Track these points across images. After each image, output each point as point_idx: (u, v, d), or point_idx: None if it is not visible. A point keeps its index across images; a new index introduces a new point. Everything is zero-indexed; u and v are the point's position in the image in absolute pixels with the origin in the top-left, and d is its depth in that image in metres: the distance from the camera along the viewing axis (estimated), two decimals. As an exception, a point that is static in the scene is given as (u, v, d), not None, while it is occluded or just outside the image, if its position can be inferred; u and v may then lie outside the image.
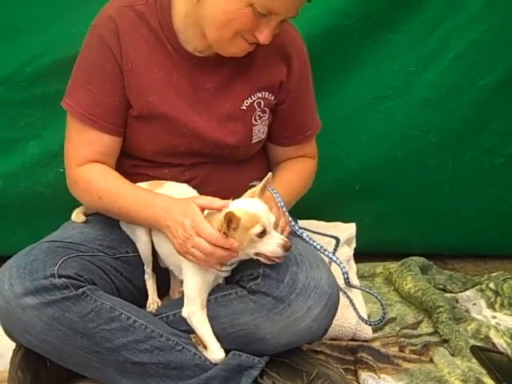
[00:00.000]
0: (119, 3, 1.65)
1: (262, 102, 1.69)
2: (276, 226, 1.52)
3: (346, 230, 2.12)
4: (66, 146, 1.71)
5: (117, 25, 1.63)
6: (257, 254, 1.50)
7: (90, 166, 1.66)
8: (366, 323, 1.81)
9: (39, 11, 1.97)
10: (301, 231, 1.69)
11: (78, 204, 1.77)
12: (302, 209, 1.87)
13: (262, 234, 1.46)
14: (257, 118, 1.70)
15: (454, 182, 2.28)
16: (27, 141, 1.90)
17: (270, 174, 1.54)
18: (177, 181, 1.67)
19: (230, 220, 1.43)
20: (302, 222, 1.87)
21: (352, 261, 2.14)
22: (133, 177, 1.68)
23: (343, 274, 1.64)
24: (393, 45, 2.11)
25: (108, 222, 1.71)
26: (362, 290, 1.86)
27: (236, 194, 1.55)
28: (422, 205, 2.31)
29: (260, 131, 1.72)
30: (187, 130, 1.66)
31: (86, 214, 1.75)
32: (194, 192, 1.64)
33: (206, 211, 1.52)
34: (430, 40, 2.11)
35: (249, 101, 1.68)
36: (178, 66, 1.65)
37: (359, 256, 2.19)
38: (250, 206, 1.48)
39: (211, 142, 1.68)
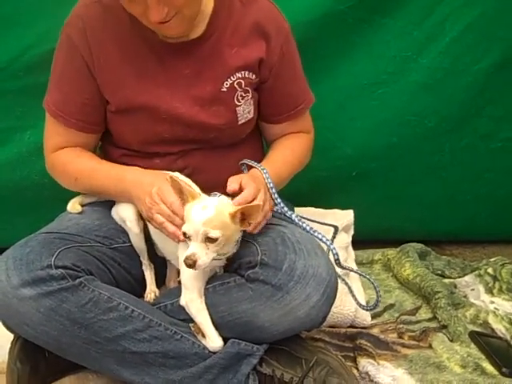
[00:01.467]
0: None
1: (243, 82, 1.68)
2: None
3: (344, 217, 2.12)
4: (44, 133, 1.77)
5: (84, 23, 1.64)
6: None
7: (64, 150, 1.73)
8: (362, 308, 1.80)
9: (35, 1, 1.95)
10: (290, 213, 1.67)
11: (74, 194, 1.77)
12: (298, 196, 1.87)
13: (185, 235, 1.44)
14: (239, 98, 1.69)
15: (451, 168, 2.28)
16: (24, 130, 1.90)
17: (259, 204, 1.49)
18: (170, 170, 1.65)
19: (176, 188, 1.47)
20: (299, 210, 1.87)
21: (350, 248, 2.14)
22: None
23: (334, 255, 1.63)
24: (388, 30, 2.10)
25: (104, 212, 1.72)
26: (353, 271, 1.84)
27: None
28: (419, 191, 2.31)
29: (245, 111, 1.71)
30: (168, 117, 1.66)
31: (81, 205, 1.74)
32: (188, 181, 1.62)
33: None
34: (425, 24, 2.10)
35: (228, 82, 1.67)
36: (152, 55, 1.65)
37: (357, 243, 2.18)
38: (200, 206, 1.45)
39: (195, 127, 1.67)
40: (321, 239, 1.63)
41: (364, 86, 2.15)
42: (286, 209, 1.66)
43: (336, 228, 1.84)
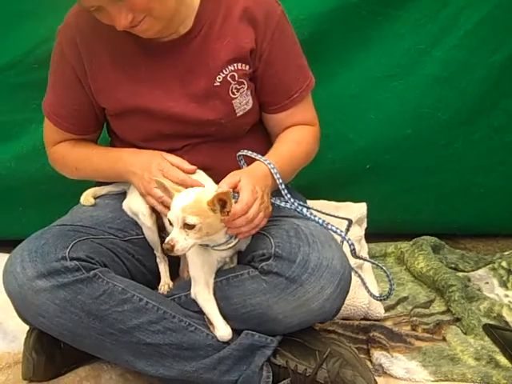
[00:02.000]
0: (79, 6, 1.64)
1: (236, 74, 1.65)
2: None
3: (357, 210, 2.12)
4: (44, 129, 1.82)
5: (74, 32, 1.65)
6: None
7: (61, 144, 1.78)
8: (375, 299, 1.80)
9: (47, -6, 1.97)
10: (300, 208, 1.64)
11: (86, 187, 1.78)
12: (311, 188, 1.87)
13: (170, 222, 1.46)
14: (234, 91, 1.66)
15: (465, 161, 2.26)
16: (39, 123, 1.91)
17: (228, 190, 1.47)
18: None
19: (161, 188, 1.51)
20: (312, 203, 1.86)
21: (363, 241, 2.14)
22: None
23: (349, 245, 1.62)
24: (402, 22, 2.09)
25: (118, 205, 1.73)
26: (368, 261, 1.84)
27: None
28: (432, 184, 2.30)
29: (242, 103, 1.69)
30: (165, 116, 1.66)
31: (94, 197, 1.76)
32: (201, 173, 1.65)
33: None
34: (440, 17, 2.09)
35: (221, 76, 1.65)
36: (144, 56, 1.65)
37: (370, 236, 2.18)
38: (184, 193, 1.46)
39: (193, 122, 1.67)
40: (335, 231, 1.62)
41: (378, 78, 2.15)
42: (296, 204, 1.64)
43: (350, 221, 1.82)
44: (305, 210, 1.65)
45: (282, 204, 1.63)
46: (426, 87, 2.16)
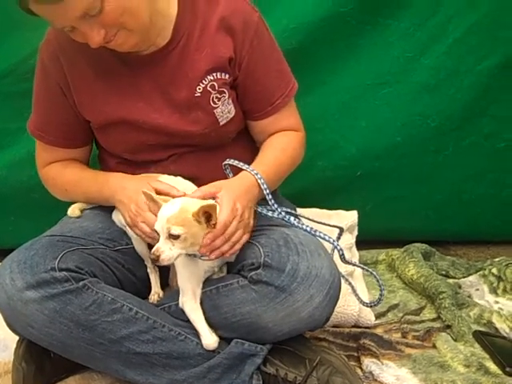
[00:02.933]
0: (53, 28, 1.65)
1: (216, 84, 1.65)
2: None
3: (348, 218, 2.13)
4: (35, 150, 1.82)
5: (56, 47, 1.66)
6: None
7: (52, 165, 1.79)
8: (365, 305, 1.81)
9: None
10: (287, 217, 1.64)
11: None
12: (302, 196, 1.88)
13: (157, 232, 1.46)
14: (215, 100, 1.66)
15: (455, 168, 2.27)
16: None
17: (213, 203, 1.47)
18: None
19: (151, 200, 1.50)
20: (303, 211, 1.87)
21: (354, 248, 2.14)
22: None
23: (338, 251, 1.62)
24: (391, 31, 2.10)
25: (107, 215, 1.73)
26: (358, 266, 1.84)
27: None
28: (423, 191, 2.31)
29: (225, 112, 1.69)
30: (149, 127, 1.66)
31: (81, 210, 1.77)
32: (189, 184, 1.65)
33: None
34: (428, 25, 2.10)
35: (201, 86, 1.65)
36: (124, 69, 1.65)
37: (361, 243, 2.19)
38: (169, 204, 1.46)
39: (177, 134, 1.67)
40: (323, 238, 1.62)
41: (368, 86, 2.15)
42: (283, 213, 1.64)
43: (341, 229, 1.83)
44: (292, 218, 1.65)
45: (270, 214, 1.64)
46: (416, 94, 2.17)
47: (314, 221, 1.76)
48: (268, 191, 1.60)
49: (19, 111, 1.85)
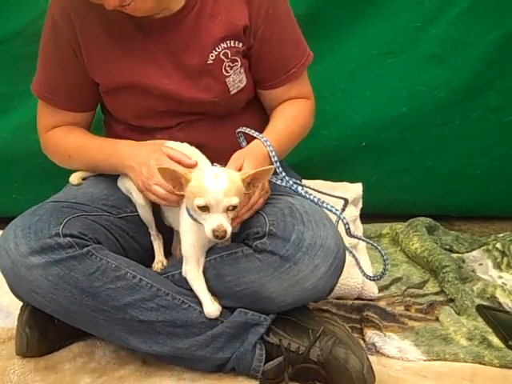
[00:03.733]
0: None
1: (229, 52, 1.64)
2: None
3: (353, 190, 2.12)
4: (37, 114, 1.79)
5: (67, 4, 1.63)
6: None
7: (55, 130, 1.75)
8: (369, 279, 1.80)
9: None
10: (295, 186, 1.65)
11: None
12: (308, 167, 1.87)
13: (203, 208, 1.42)
14: (227, 68, 1.65)
15: (461, 141, 2.26)
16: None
17: (271, 167, 1.49)
18: None
19: (168, 176, 1.45)
20: (308, 182, 1.85)
21: (358, 221, 2.13)
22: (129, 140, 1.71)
23: (344, 224, 1.62)
24: (398, 0, 2.09)
25: (112, 182, 1.72)
26: (363, 240, 1.83)
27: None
28: (428, 164, 2.30)
29: (236, 81, 1.68)
30: (159, 93, 1.65)
31: (83, 178, 1.76)
32: (195, 151, 1.63)
33: None
34: (436, -5, 2.09)
35: (214, 54, 1.63)
36: (137, 32, 1.63)
37: (366, 217, 2.18)
38: (211, 177, 1.43)
39: (186, 101, 1.66)
40: (330, 210, 1.62)
41: (374, 55, 2.14)
42: (291, 182, 1.64)
43: (346, 200, 1.82)
44: (300, 188, 1.65)
45: (278, 182, 1.63)
46: (422, 65, 2.16)
47: (319, 191, 1.75)
48: (276, 159, 1.60)
49: (26, 74, 1.83)
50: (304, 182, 1.83)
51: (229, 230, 1.42)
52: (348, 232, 1.65)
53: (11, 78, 2.10)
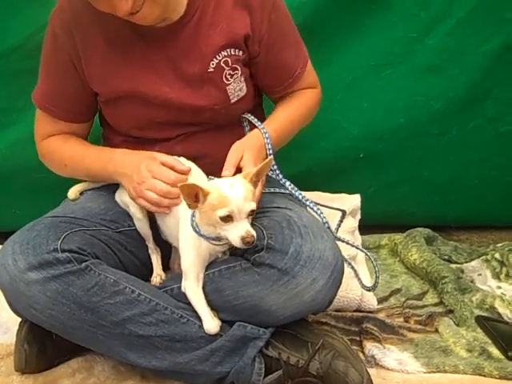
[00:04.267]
0: None
1: (230, 60, 1.65)
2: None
3: (351, 202, 2.12)
4: (35, 122, 1.79)
5: (69, 16, 1.64)
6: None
7: (52, 138, 1.76)
8: (365, 289, 1.81)
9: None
10: (284, 180, 1.69)
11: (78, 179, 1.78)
12: (305, 178, 1.86)
13: (227, 218, 1.42)
14: (228, 77, 1.66)
15: (459, 151, 2.26)
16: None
17: (270, 158, 1.51)
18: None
19: (191, 193, 1.42)
20: (306, 194, 1.86)
21: (357, 232, 2.13)
22: None
23: (324, 223, 1.65)
24: (395, 11, 2.09)
25: (110, 196, 1.72)
26: (347, 243, 1.82)
27: None
28: (426, 175, 2.30)
29: (236, 89, 1.69)
30: (159, 102, 1.65)
31: (81, 192, 1.77)
32: (193, 165, 1.63)
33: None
34: (432, 5, 2.09)
35: (215, 62, 1.65)
36: (138, 41, 1.64)
37: (364, 228, 2.18)
38: (227, 186, 1.43)
39: (187, 110, 1.67)
40: (312, 208, 1.67)
41: (371, 66, 2.14)
42: (280, 176, 1.69)
43: (344, 212, 1.83)
44: (288, 183, 1.70)
45: (270, 173, 1.67)
46: (419, 75, 2.15)
47: (316, 202, 1.75)
48: (271, 151, 1.65)
49: (25, 89, 1.84)
50: (302, 193, 1.83)
51: (255, 234, 1.43)
52: (329, 231, 1.67)
53: (10, 92, 2.09)
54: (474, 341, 1.78)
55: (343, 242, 1.81)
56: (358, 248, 1.84)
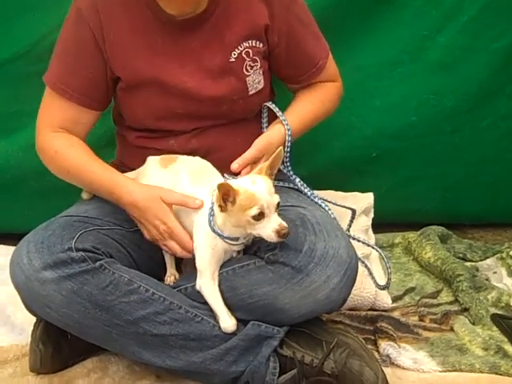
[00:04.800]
0: None
1: (251, 51, 1.67)
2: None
3: (364, 200, 2.11)
4: (38, 112, 1.75)
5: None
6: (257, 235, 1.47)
7: (57, 135, 1.71)
8: (378, 287, 1.81)
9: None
10: (294, 177, 1.73)
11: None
12: (318, 178, 1.86)
13: (259, 216, 1.42)
14: (248, 68, 1.68)
15: (472, 149, 2.24)
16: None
17: (280, 148, 1.51)
18: (184, 150, 1.68)
19: (227, 193, 1.41)
20: (320, 193, 1.86)
21: (370, 231, 2.12)
22: (141, 150, 1.72)
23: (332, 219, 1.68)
24: (406, 9, 2.08)
25: (124, 196, 1.72)
26: (359, 240, 1.83)
27: None
28: (439, 172, 2.28)
29: (255, 81, 1.71)
30: (178, 91, 1.66)
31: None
32: (208, 164, 1.64)
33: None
34: (444, 3, 2.08)
35: (236, 52, 1.66)
36: (161, 29, 1.65)
37: (378, 226, 2.17)
38: (251, 183, 1.44)
39: (206, 100, 1.67)
40: (320, 204, 1.70)
41: (383, 65, 2.14)
42: (291, 172, 1.73)
43: (354, 211, 1.83)
44: (298, 179, 1.73)
45: (281, 167, 1.70)
46: (431, 73, 2.14)
47: (328, 201, 1.77)
48: (289, 149, 1.68)
49: (35, 93, 1.84)
50: (315, 192, 1.83)
51: (287, 225, 1.44)
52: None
53: (21, 96, 2.09)
54: (489, 339, 1.77)
55: (356, 240, 1.81)
56: (370, 246, 1.84)
